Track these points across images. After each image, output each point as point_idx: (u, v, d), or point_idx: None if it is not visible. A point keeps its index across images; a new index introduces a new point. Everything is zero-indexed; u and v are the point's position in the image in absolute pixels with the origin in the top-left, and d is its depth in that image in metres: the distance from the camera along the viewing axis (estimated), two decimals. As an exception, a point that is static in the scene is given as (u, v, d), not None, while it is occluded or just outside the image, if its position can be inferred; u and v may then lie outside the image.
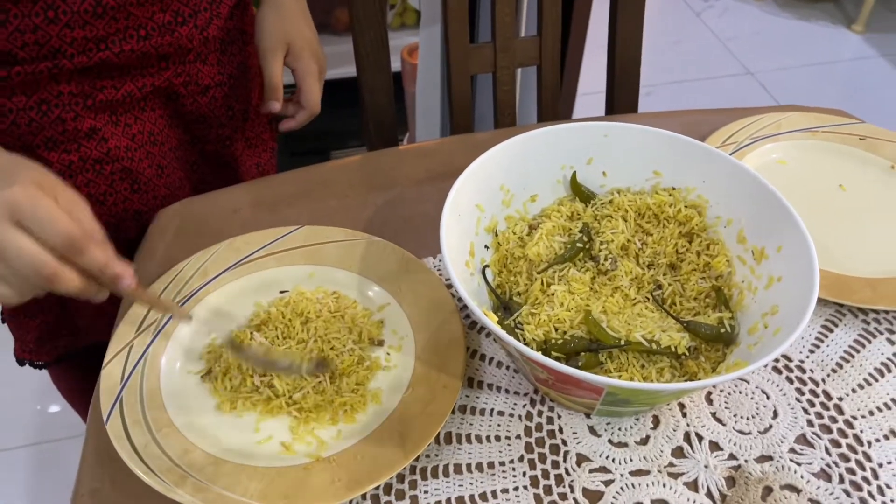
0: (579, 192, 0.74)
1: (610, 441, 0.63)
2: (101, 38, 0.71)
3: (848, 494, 0.60)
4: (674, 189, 0.72)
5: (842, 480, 0.61)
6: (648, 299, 0.67)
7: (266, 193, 0.84)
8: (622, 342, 0.61)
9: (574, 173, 0.74)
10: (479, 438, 0.64)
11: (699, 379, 0.61)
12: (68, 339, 0.91)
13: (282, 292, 0.73)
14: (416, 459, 0.61)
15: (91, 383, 0.65)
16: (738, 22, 2.91)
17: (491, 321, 0.56)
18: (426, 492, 0.60)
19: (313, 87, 0.88)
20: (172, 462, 0.59)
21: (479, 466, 0.62)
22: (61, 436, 1.61)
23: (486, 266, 0.69)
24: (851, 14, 2.85)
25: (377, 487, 0.60)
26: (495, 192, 0.71)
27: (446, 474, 0.61)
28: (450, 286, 0.72)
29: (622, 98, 1.04)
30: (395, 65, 1.60)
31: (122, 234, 0.83)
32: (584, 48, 1.82)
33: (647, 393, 0.56)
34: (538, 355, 0.54)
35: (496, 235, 0.71)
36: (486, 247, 0.70)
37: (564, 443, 0.63)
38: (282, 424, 0.63)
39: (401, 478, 0.61)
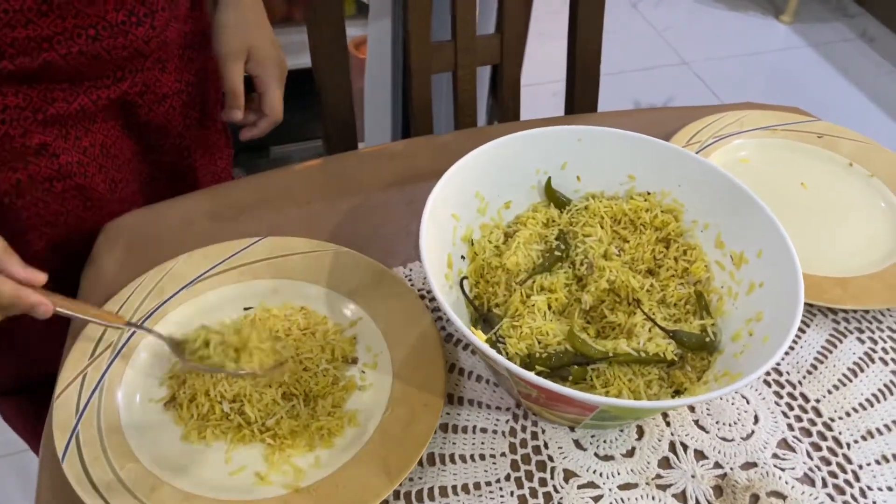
0: (554, 198, 0.72)
1: (596, 454, 0.62)
2: (46, 38, 0.65)
3: (832, 499, 0.61)
4: (649, 193, 0.71)
5: (825, 484, 0.62)
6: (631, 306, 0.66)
7: (222, 202, 0.80)
8: (610, 354, 0.59)
9: (549, 179, 0.72)
10: (462, 458, 0.61)
11: (686, 389, 0.60)
12: (17, 370, 0.85)
13: (246, 309, 0.69)
14: (401, 484, 0.59)
15: (44, 417, 0.60)
16: (672, 12, 2.96)
17: (479, 339, 0.54)
18: (412, 518, 0.58)
19: (275, 94, 0.83)
20: (140, 501, 0.54)
21: (466, 488, 0.60)
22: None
23: (465, 277, 0.67)
24: (780, 5, 2.92)
25: (361, 516, 0.57)
26: (470, 199, 0.68)
27: (432, 498, 0.59)
28: (423, 297, 0.70)
29: (583, 91, 1.03)
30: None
31: (73, 255, 0.77)
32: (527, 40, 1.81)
33: (642, 410, 0.55)
34: (530, 375, 0.52)
35: (472, 245, 0.69)
36: (463, 257, 0.68)
37: (551, 458, 0.62)
38: (255, 453, 0.60)
39: (385, 504, 0.58)
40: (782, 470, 0.62)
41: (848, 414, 0.66)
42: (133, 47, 0.71)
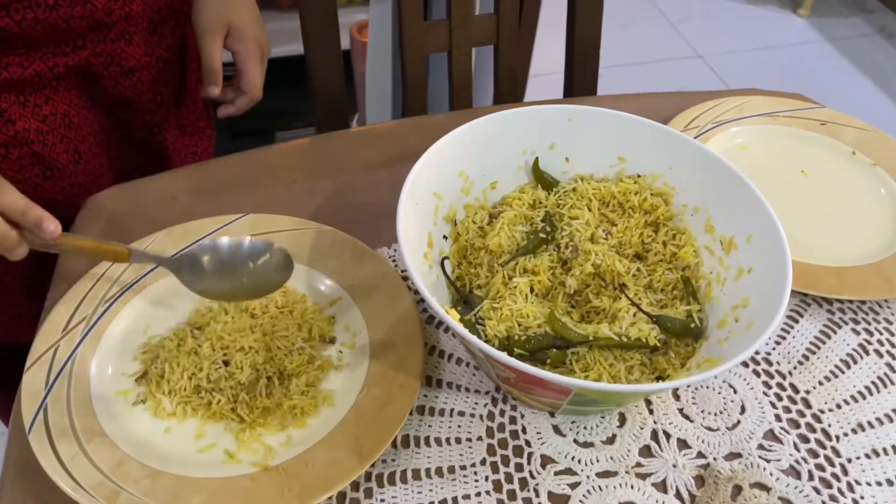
0: (541, 179, 0.70)
1: (575, 441, 0.61)
2: (3, 5, 0.63)
3: (818, 492, 0.59)
4: (639, 176, 0.70)
5: (811, 477, 0.60)
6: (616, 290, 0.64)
7: (206, 179, 0.79)
8: (590, 338, 0.58)
9: (536, 159, 0.70)
10: (438, 441, 0.60)
11: (669, 375, 0.59)
12: (5, 364, 0.84)
13: (224, 286, 0.68)
14: (373, 465, 0.57)
15: (14, 391, 0.59)
16: (688, 4, 2.92)
17: (453, 319, 0.52)
18: (383, 500, 0.56)
19: (254, 70, 0.81)
20: (104, 475, 0.53)
21: (440, 471, 0.58)
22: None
23: (446, 258, 0.65)
24: (797, -2, 2.87)
25: (330, 497, 0.56)
26: (454, 178, 0.66)
27: (404, 481, 0.58)
28: (406, 279, 0.68)
29: (581, 80, 1.01)
30: (344, 43, 1.54)
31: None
32: (537, 28, 1.78)
33: (618, 394, 0.53)
34: (504, 356, 0.50)
35: (455, 225, 0.67)
36: (445, 237, 0.66)
37: (528, 444, 0.60)
38: (226, 431, 0.59)
39: (356, 486, 0.57)
40: (767, 461, 0.60)
41: (839, 406, 0.64)
42: (92, 17, 0.70)
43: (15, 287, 0.82)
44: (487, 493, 0.57)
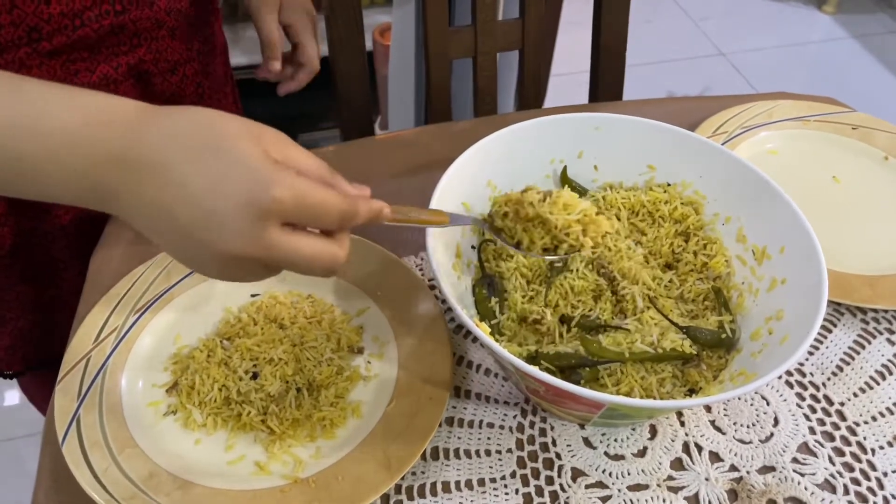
0: (570, 188, 0.70)
1: (606, 453, 0.60)
2: (78, 13, 0.64)
3: (854, 507, 0.58)
4: (669, 185, 0.69)
5: (847, 491, 0.59)
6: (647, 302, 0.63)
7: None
8: (626, 355, 0.57)
9: (564, 168, 0.70)
10: (468, 453, 0.60)
11: (701, 388, 0.58)
12: (43, 347, 0.85)
13: (253, 296, 0.68)
14: (402, 478, 0.57)
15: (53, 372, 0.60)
16: (711, 2, 2.89)
17: (483, 332, 0.52)
18: (413, 513, 0.56)
19: (311, 42, 0.81)
20: (136, 487, 0.54)
21: (469, 484, 0.58)
22: (19, 433, 1.54)
23: (484, 241, 0.65)
24: (822, -5, 2.84)
25: (360, 510, 0.55)
26: (482, 188, 0.66)
27: (434, 493, 0.57)
28: (433, 288, 0.68)
29: (607, 82, 1.00)
30: (367, 45, 1.54)
31: (98, 233, 0.76)
32: (558, 29, 1.77)
33: (651, 409, 0.53)
34: (534, 370, 0.50)
35: (483, 234, 0.67)
36: (473, 247, 0.66)
37: (559, 456, 0.60)
38: (255, 442, 0.59)
39: (385, 498, 0.57)
40: (802, 475, 0.59)
41: (874, 418, 0.63)
42: (155, 18, 0.71)
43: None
44: (518, 506, 0.57)
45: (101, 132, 0.42)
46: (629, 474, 0.59)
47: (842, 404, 0.64)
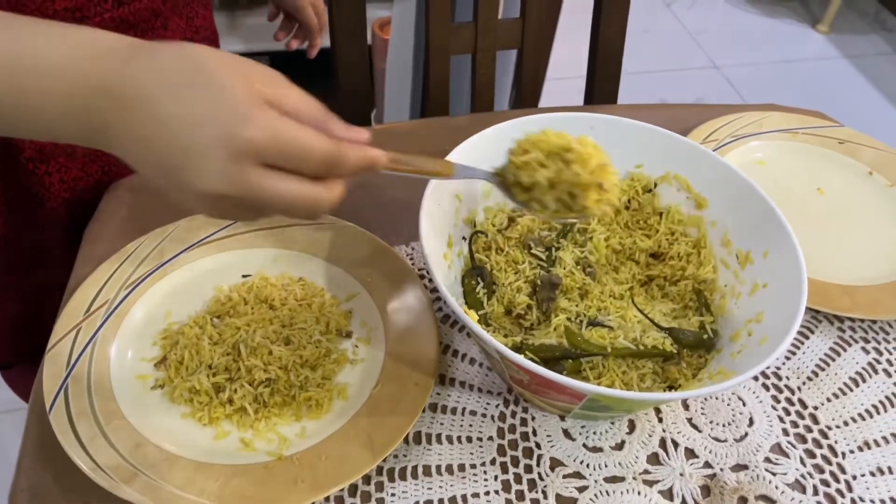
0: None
1: (584, 445, 0.61)
2: (79, 7, 0.65)
3: (822, 507, 0.59)
4: (655, 186, 0.70)
5: (816, 492, 0.60)
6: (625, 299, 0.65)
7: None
8: (608, 350, 0.58)
9: (558, 165, 0.71)
10: (449, 439, 0.61)
11: (680, 385, 0.59)
12: (33, 339, 0.85)
13: (244, 276, 0.69)
14: (384, 460, 0.58)
15: (34, 368, 0.60)
16: (706, 15, 2.92)
17: (472, 320, 0.53)
18: (393, 494, 0.57)
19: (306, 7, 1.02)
20: (122, 457, 0.54)
21: (450, 469, 0.59)
22: (-2, 410, 1.53)
23: (475, 232, 0.66)
24: (817, 14, 2.87)
25: (342, 489, 0.57)
26: (475, 181, 0.67)
27: (415, 476, 0.58)
28: (423, 277, 0.69)
29: (602, 87, 1.02)
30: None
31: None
32: (555, 33, 1.79)
33: (630, 401, 0.54)
34: (519, 358, 0.51)
35: (475, 226, 0.68)
36: (464, 238, 0.67)
37: (538, 446, 0.61)
38: (242, 420, 0.59)
39: (367, 479, 0.58)
40: (773, 475, 0.61)
41: (846, 423, 0.65)
42: (151, 8, 0.72)
43: None
44: (496, 492, 0.58)
45: (92, 65, 0.42)
46: (606, 466, 0.60)
47: (815, 408, 0.66)
